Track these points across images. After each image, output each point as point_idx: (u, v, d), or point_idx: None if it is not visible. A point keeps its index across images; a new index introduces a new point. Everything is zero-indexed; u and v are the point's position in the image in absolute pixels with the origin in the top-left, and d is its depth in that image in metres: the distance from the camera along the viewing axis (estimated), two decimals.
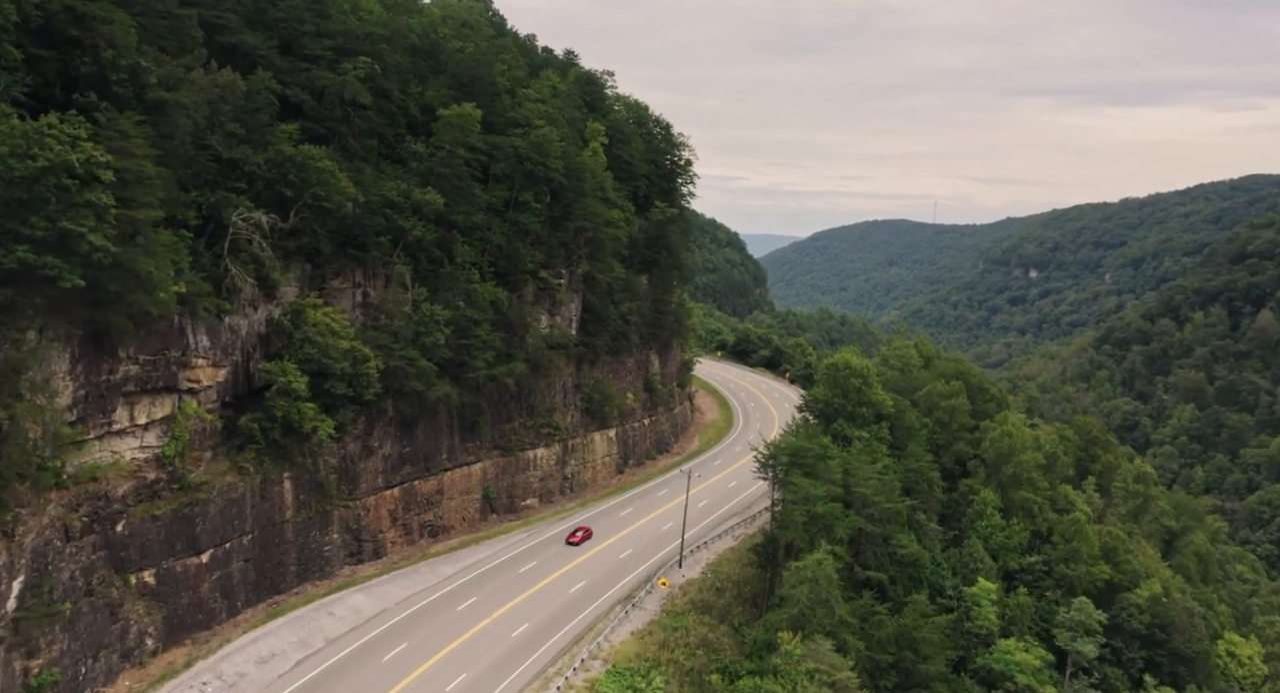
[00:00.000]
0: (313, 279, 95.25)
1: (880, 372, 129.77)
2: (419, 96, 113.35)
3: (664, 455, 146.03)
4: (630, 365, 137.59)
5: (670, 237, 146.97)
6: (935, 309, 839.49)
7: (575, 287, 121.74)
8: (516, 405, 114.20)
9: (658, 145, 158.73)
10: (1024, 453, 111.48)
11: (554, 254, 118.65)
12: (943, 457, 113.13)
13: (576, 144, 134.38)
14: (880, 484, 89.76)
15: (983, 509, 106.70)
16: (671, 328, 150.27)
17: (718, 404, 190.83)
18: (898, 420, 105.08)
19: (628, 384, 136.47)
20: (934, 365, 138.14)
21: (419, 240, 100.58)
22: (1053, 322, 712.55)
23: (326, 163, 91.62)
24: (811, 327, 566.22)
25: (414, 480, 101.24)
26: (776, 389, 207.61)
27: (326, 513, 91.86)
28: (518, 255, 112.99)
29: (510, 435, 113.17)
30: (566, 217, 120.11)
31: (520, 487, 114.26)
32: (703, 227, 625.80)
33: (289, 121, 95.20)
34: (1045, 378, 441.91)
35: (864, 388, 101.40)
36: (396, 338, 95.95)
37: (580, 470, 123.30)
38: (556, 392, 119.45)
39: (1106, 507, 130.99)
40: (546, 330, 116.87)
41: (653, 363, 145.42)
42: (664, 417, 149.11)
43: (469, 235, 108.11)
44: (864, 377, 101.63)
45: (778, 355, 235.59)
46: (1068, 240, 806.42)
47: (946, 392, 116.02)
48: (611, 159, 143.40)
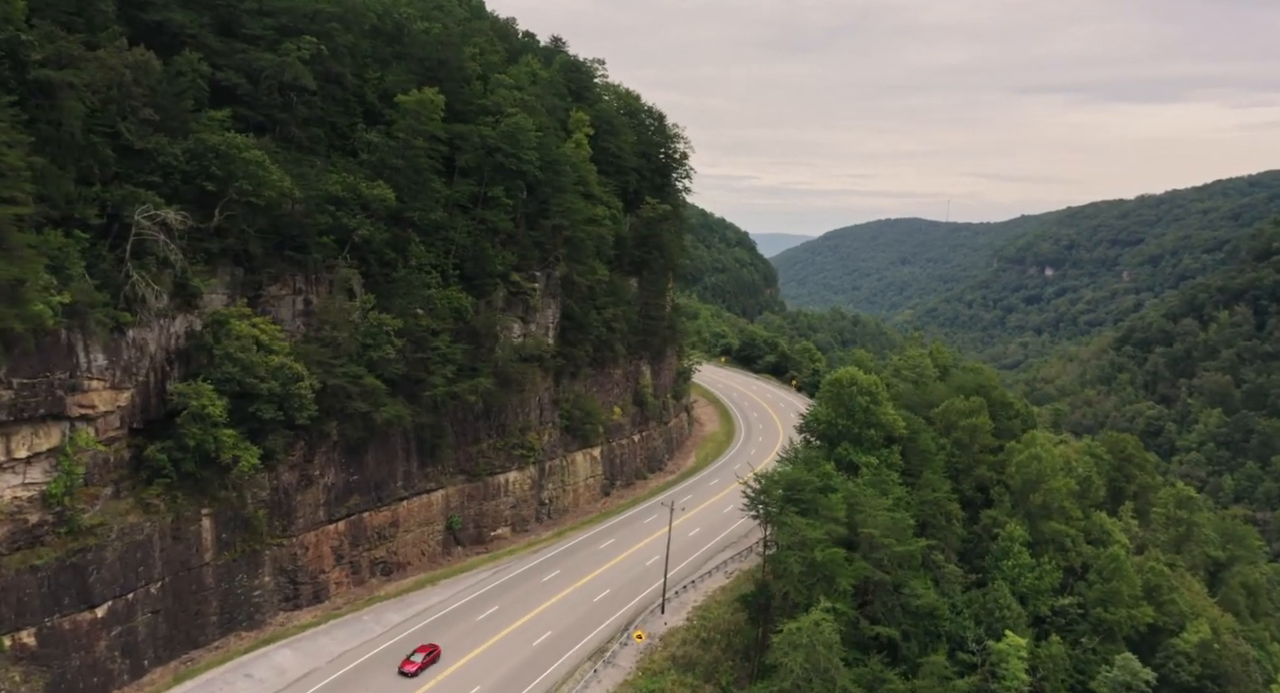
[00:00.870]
0: (245, 286, 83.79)
1: (891, 383, 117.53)
2: (378, 82, 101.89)
3: (656, 474, 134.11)
4: (617, 377, 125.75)
5: (663, 235, 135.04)
6: (949, 309, 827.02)
7: (552, 291, 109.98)
8: (484, 424, 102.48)
9: (650, 138, 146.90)
10: (1054, 479, 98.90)
11: (528, 256, 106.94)
12: (962, 483, 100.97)
13: (557, 135, 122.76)
14: (891, 523, 77.51)
15: (1009, 546, 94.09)
16: (664, 335, 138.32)
17: (718, 414, 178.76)
18: (911, 443, 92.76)
19: (614, 398, 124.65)
20: (951, 376, 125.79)
21: (368, 241, 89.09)
22: (1070, 321, 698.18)
23: (255, 153, 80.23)
24: (823, 328, 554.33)
25: (363, 512, 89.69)
26: (782, 398, 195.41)
27: (255, 553, 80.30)
28: (485, 257, 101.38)
29: (478, 458, 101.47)
30: (543, 214, 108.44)
31: (489, 515, 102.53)
32: (711, 226, 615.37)
33: (221, 108, 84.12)
34: (1064, 380, 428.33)
35: (872, 406, 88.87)
36: (338, 352, 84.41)
37: (559, 494, 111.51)
38: (531, 408, 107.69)
39: (1146, 535, 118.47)
40: (519, 340, 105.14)
41: (643, 373, 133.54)
42: (656, 431, 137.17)
43: (428, 235, 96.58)
44: (872, 394, 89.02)
45: (784, 361, 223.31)
46: (1084, 238, 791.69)
47: (966, 409, 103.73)
48: (598, 152, 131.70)
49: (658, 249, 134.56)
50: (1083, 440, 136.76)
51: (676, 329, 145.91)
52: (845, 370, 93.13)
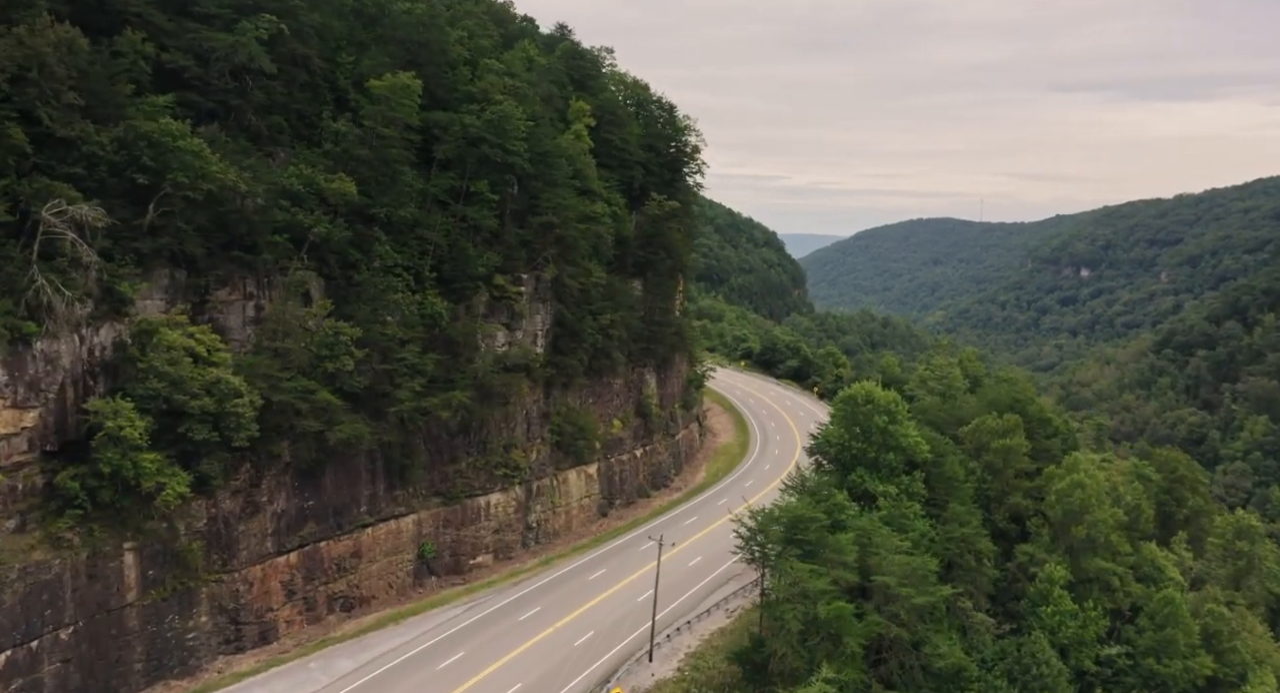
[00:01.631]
0: (188, 290, 74.98)
1: (917, 395, 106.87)
2: (352, 67, 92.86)
3: (661, 492, 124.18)
4: (617, 387, 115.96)
5: (669, 234, 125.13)
6: (982, 309, 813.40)
7: (542, 295, 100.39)
8: (463, 442, 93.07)
9: (659, 130, 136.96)
10: (1099, 509, 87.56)
11: (514, 256, 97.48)
12: (995, 513, 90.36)
13: (553, 125, 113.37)
14: (910, 569, 67.02)
15: (1048, 590, 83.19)
16: (672, 341, 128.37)
17: (734, 424, 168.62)
18: (936, 469, 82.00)
19: (613, 410, 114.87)
20: (983, 389, 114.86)
21: (327, 240, 79.97)
22: (1106, 323, 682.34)
23: (193, 142, 71.39)
24: (852, 329, 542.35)
25: (319, 542, 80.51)
26: (803, 406, 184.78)
27: (190, 592, 71.25)
28: (465, 258, 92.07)
29: (455, 479, 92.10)
30: (532, 210, 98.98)
31: (468, 542, 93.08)
32: (739, 226, 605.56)
33: (166, 93, 75.41)
34: (1102, 385, 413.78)
35: (891, 427, 78.40)
36: (287, 364, 75.25)
37: (549, 518, 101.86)
38: (517, 423, 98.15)
39: (1201, 569, 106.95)
40: (503, 349, 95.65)
41: (647, 383, 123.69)
42: (662, 445, 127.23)
43: (399, 234, 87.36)
44: (891, 413, 78.43)
45: (806, 366, 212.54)
46: (1120, 238, 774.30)
47: (999, 428, 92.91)
48: (600, 144, 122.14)
49: (664, 249, 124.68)
50: (1129, 461, 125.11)
51: (685, 335, 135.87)
52: (860, 387, 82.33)
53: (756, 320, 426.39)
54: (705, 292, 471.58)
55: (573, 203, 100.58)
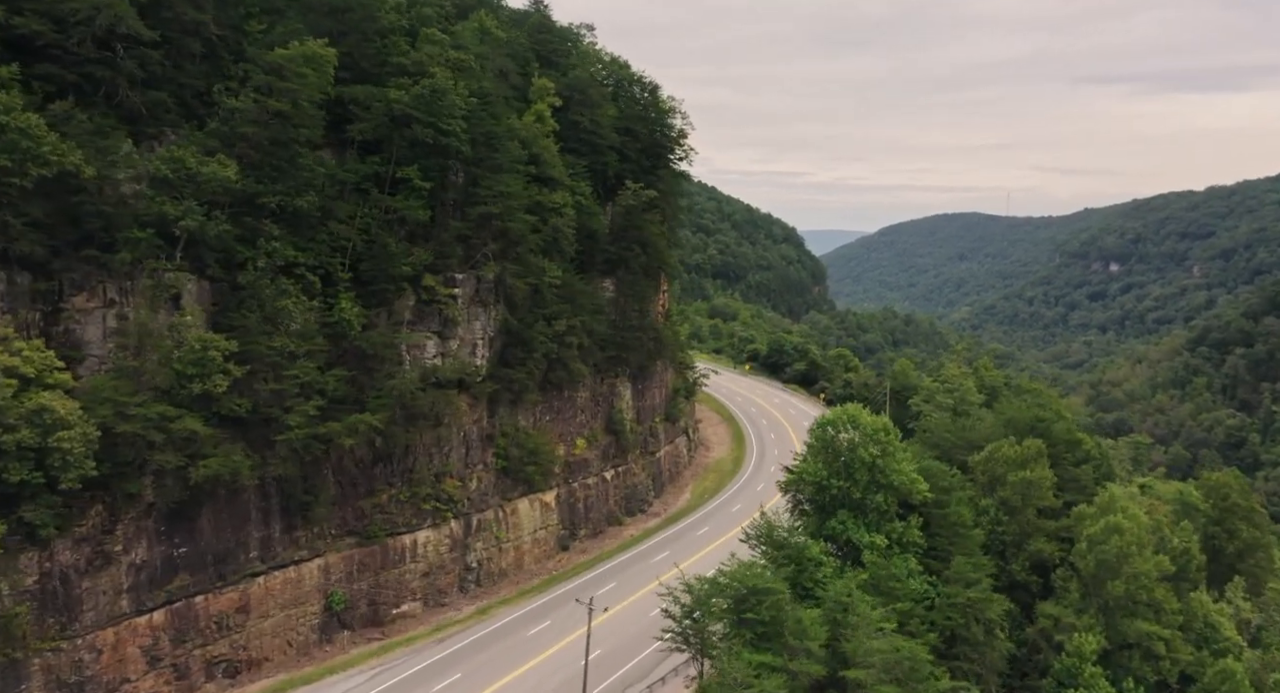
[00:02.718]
0: (35, 297, 62.01)
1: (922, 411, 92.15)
2: (262, 37, 79.50)
3: (636, 518, 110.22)
4: (581, 402, 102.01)
5: (646, 227, 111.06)
6: (1009, 306, 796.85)
7: (484, 298, 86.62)
8: (383, 472, 79.53)
9: (638, 112, 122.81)
10: (1141, 559, 72.16)
11: (449, 253, 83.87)
12: (1012, 562, 75.61)
13: (508, 104, 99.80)
14: (895, 658, 52.44)
15: (1077, 668, 67.81)
16: (649, 347, 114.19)
17: (730, 435, 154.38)
18: (938, 510, 67.17)
19: (576, 428, 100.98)
20: (1001, 403, 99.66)
21: (200, 234, 66.65)
22: (1136, 318, 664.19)
23: (23, 117, 58.61)
24: (873, 327, 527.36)
25: (194, 596, 67.22)
26: (808, 414, 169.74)
27: (15, 665, 57.97)
28: (388, 255, 78.49)
29: (373, 515, 78.54)
30: (471, 200, 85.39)
31: (390, 588, 79.54)
32: (757, 222, 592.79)
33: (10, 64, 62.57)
34: (1133, 384, 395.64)
35: (881, 461, 64.68)
36: (140, 386, 61.96)
37: (493, 556, 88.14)
38: (452, 448, 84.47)
39: (1262, 621, 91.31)
40: (433, 361, 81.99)
41: (620, 395, 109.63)
42: (638, 465, 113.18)
43: (298, 227, 73.84)
44: (881, 444, 63.90)
45: (813, 370, 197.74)
46: (1150, 231, 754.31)
47: (1018, 457, 77.93)
48: (567, 127, 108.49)
49: (640, 244, 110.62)
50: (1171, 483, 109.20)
51: (666, 340, 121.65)
52: (840, 411, 67.17)
53: (773, 319, 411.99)
54: (721, 289, 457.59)
55: (518, 190, 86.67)
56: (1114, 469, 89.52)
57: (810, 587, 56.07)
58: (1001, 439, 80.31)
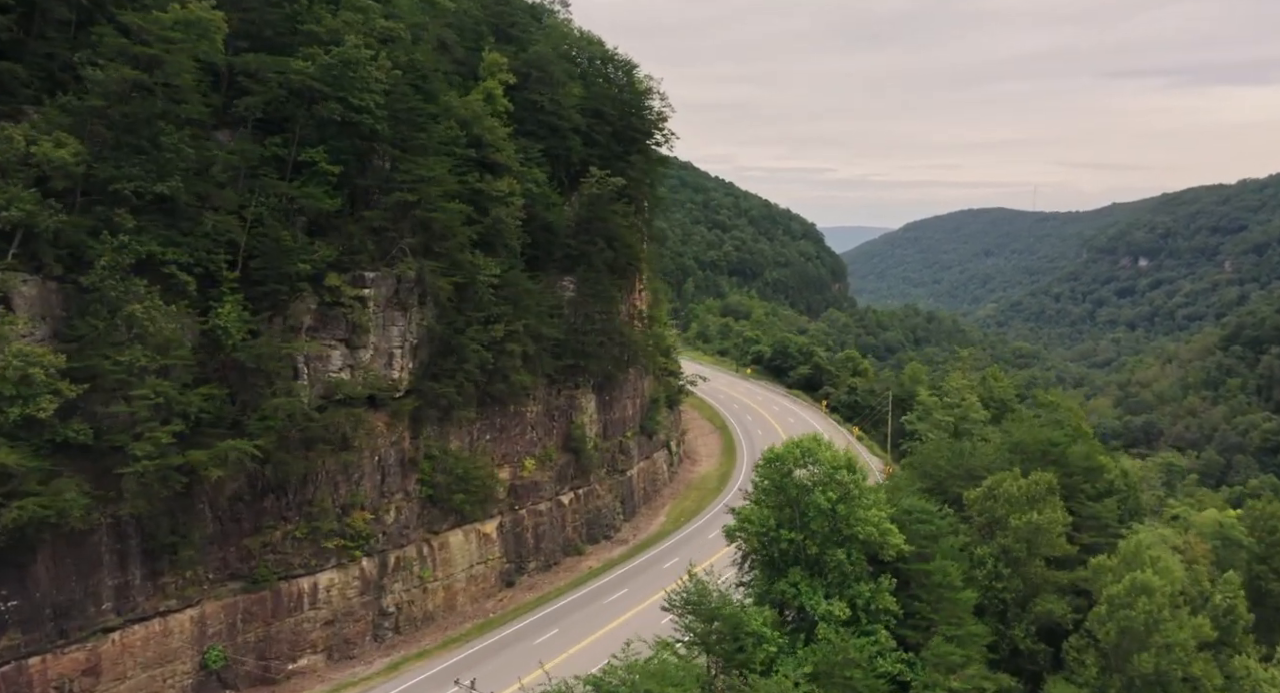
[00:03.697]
0: None
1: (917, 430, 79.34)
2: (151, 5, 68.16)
3: (600, 546, 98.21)
4: (531, 417, 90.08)
5: (612, 219, 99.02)
6: (1035, 302, 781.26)
7: (403, 300, 74.88)
8: (274, 505, 67.91)
9: (608, 92, 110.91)
10: (1176, 625, 58.32)
11: (359, 249, 72.27)
12: (1013, 627, 62.13)
13: (447, 79, 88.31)
14: None
15: None
16: (616, 354, 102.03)
17: (721, 446, 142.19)
18: (920, 564, 54.09)
19: (524, 447, 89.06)
20: (1010, 422, 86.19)
21: (31, 227, 55.48)
22: (1166, 315, 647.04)
23: None
24: (894, 325, 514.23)
25: (27, 657, 55.76)
26: (808, 423, 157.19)
27: None
28: (281, 251, 66.94)
29: (262, 555, 66.96)
30: (387, 187, 73.79)
31: (284, 640, 67.94)
32: (775, 218, 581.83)
33: None
34: (1163, 385, 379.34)
35: (842, 508, 49.26)
36: None
37: (416, 598, 76.36)
38: (364, 474, 72.75)
39: None
40: (339, 374, 70.35)
41: (582, 408, 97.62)
42: (604, 486, 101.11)
43: (165, 218, 62.46)
44: (842, 486, 52.22)
45: (818, 374, 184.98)
46: (1180, 226, 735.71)
47: (1023, 494, 64.59)
48: (523, 107, 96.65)
49: (605, 237, 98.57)
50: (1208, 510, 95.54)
51: (638, 345, 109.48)
52: (792, 443, 54.12)
53: (789, 317, 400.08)
54: (737, 287, 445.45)
55: (443, 174, 74.83)
56: (1142, 502, 75.91)
57: (748, 669, 43.67)
58: (1005, 471, 66.73)
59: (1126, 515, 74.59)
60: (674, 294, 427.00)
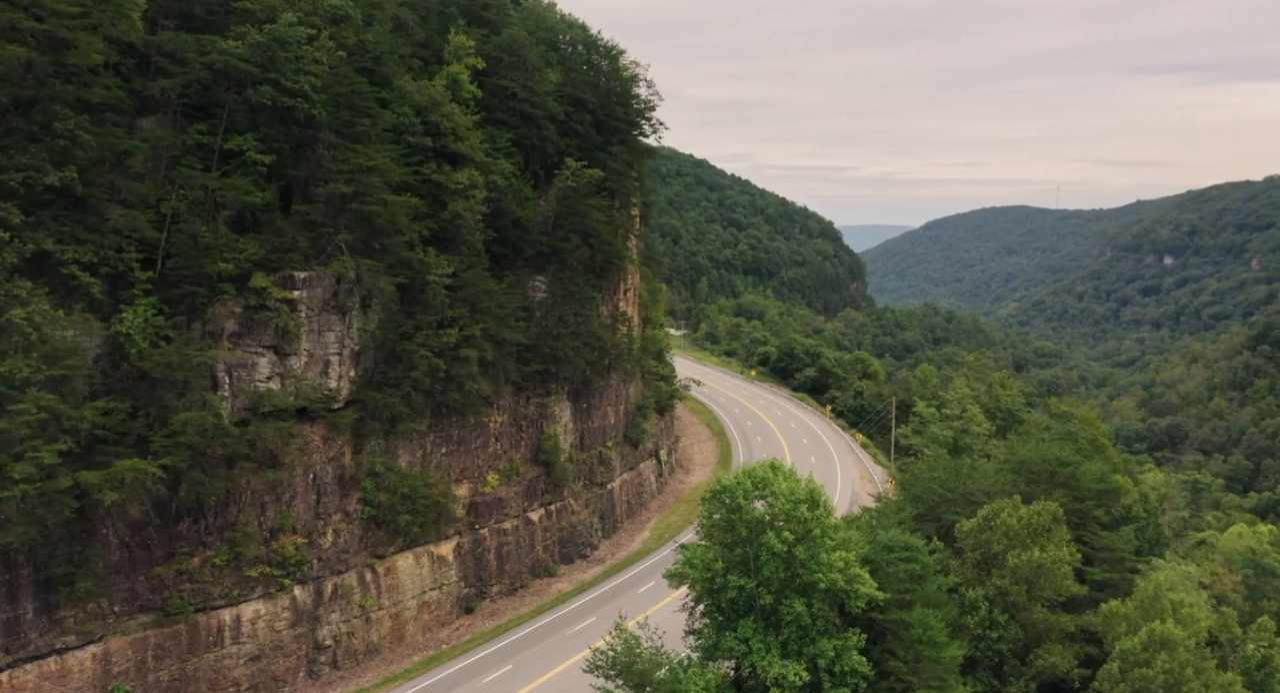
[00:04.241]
0: None
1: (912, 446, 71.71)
2: None
3: (575, 567, 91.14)
4: (495, 428, 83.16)
5: (589, 213, 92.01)
6: (1058, 301, 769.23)
7: (342, 303, 68.17)
8: (191, 530, 61.33)
9: (589, 78, 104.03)
10: (1202, 686, 49.18)
11: (292, 246, 65.66)
12: (1010, 685, 54.47)
13: (402, 62, 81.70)
14: None
15: None
16: (593, 359, 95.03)
17: (717, 454, 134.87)
18: (897, 616, 45.74)
19: (487, 461, 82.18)
20: (1016, 437, 77.97)
21: None
22: (1192, 314, 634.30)
23: None
24: (912, 325, 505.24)
25: None
26: (811, 429, 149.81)
27: None
28: (199, 248, 60.42)
29: (178, 585, 60.41)
30: (320, 176, 67.13)
31: (203, 680, 61.32)
32: (791, 216, 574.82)
33: None
34: (1188, 386, 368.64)
35: (803, 549, 41.07)
36: None
37: (358, 630, 69.61)
38: (296, 495, 66.07)
39: None
40: (266, 385, 63.72)
41: (555, 418, 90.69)
42: (580, 501, 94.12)
43: (65, 211, 56.07)
44: (802, 524, 41.27)
45: (824, 377, 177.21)
46: (1206, 223, 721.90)
47: (1025, 526, 55.70)
48: (493, 94, 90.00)
49: (580, 233, 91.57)
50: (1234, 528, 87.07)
51: (620, 348, 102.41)
52: (744, 473, 46.14)
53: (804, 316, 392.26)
54: (753, 286, 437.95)
55: (385, 164, 68.03)
56: (1163, 529, 67.53)
57: None
58: (1005, 497, 58.74)
59: (1146, 547, 66.29)
60: (688, 293, 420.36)
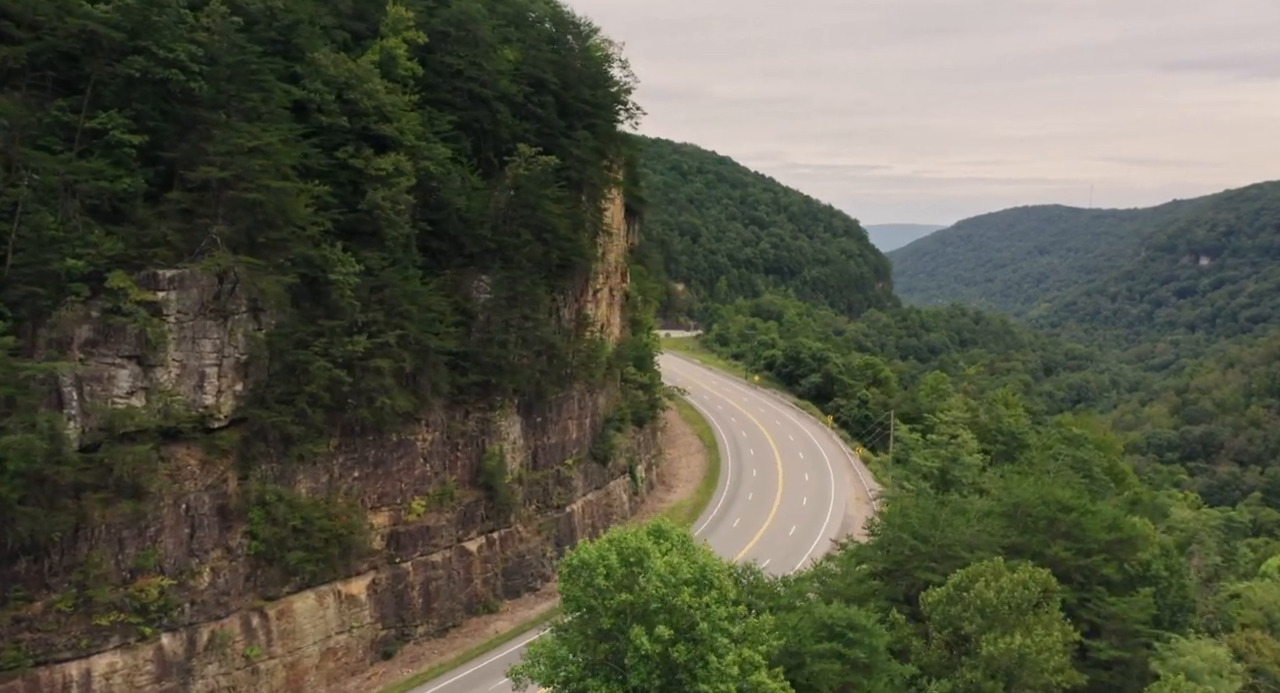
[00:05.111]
0: None
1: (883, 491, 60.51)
2: None
3: (521, 601, 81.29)
4: (424, 447, 73.43)
5: (543, 205, 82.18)
6: (1090, 302, 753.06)
7: (223, 306, 58.78)
8: (32, 571, 52.11)
9: (551, 57, 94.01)
10: None
11: (161, 239, 56.42)
12: None
13: (326, 35, 72.50)
14: None
15: None
16: (547, 369, 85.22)
17: (705, 468, 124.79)
18: None
19: (413, 485, 72.52)
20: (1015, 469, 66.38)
21: None
22: (1228, 316, 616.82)
23: None
24: (938, 326, 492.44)
25: None
26: (809, 442, 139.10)
27: None
28: (43, 243, 51.36)
29: (16, 635, 51.20)
30: (198, 157, 57.80)
31: None
32: (815, 214, 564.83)
33: None
34: (1224, 393, 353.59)
35: (685, 649, 29.88)
36: None
37: (243, 683, 60.13)
38: (165, 528, 56.71)
39: None
40: (126, 401, 54.49)
41: (500, 434, 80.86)
42: (530, 528, 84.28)
43: None
44: (687, 616, 29.26)
45: (829, 383, 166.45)
46: (1244, 223, 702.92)
47: (1006, 601, 44.24)
48: (437, 72, 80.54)
49: (532, 227, 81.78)
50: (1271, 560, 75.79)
51: (587, 355, 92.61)
52: (609, 543, 35.76)
53: (825, 317, 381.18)
54: (773, 285, 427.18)
55: (273, 144, 58.58)
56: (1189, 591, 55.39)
57: None
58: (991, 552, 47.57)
59: (1166, 615, 54.46)
60: (706, 293, 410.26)
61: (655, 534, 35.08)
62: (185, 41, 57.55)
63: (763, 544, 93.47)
